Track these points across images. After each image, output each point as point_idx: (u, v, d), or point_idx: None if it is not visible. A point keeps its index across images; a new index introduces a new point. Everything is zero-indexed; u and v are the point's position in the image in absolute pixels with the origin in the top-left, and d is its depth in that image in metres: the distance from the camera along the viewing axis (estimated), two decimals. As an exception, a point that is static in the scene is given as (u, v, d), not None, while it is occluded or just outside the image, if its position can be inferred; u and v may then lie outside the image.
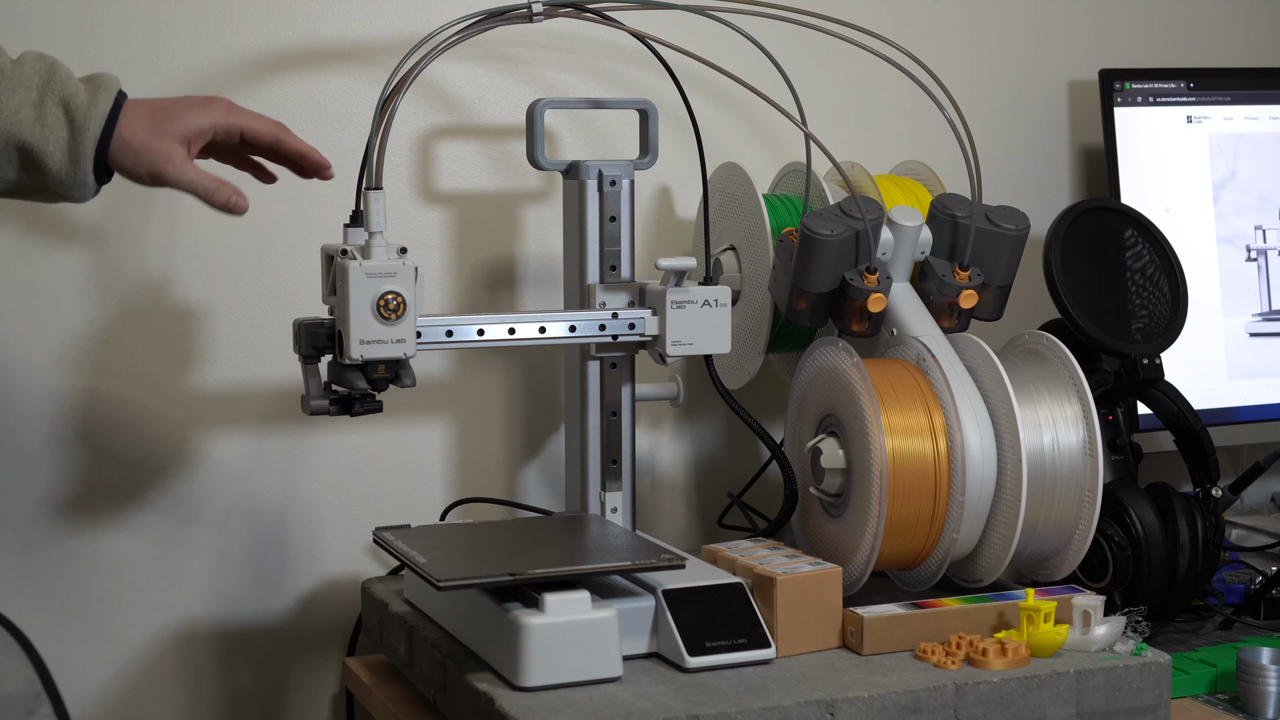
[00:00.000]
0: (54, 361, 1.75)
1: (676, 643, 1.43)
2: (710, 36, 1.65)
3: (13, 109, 1.34)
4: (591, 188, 1.67)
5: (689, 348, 1.63)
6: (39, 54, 1.38)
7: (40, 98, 1.36)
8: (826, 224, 1.62)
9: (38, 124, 1.35)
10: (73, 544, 1.76)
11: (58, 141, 1.36)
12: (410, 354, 1.51)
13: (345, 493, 1.85)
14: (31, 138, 1.35)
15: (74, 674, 1.76)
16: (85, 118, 1.37)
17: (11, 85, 1.35)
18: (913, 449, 1.55)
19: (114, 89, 1.39)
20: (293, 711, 1.86)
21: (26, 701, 1.22)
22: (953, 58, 2.01)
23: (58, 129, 1.36)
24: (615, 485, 1.69)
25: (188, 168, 1.41)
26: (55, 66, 1.38)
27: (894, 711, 1.39)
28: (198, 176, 1.42)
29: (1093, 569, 1.68)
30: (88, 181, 1.39)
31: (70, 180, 1.38)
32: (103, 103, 1.38)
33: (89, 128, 1.37)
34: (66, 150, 1.36)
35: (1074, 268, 1.76)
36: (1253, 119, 2.07)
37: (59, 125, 1.36)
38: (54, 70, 1.37)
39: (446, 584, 1.40)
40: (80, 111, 1.37)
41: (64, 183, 1.38)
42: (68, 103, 1.36)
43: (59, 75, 1.37)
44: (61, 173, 1.37)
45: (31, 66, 1.37)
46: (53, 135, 1.36)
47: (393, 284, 1.49)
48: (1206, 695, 1.60)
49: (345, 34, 1.82)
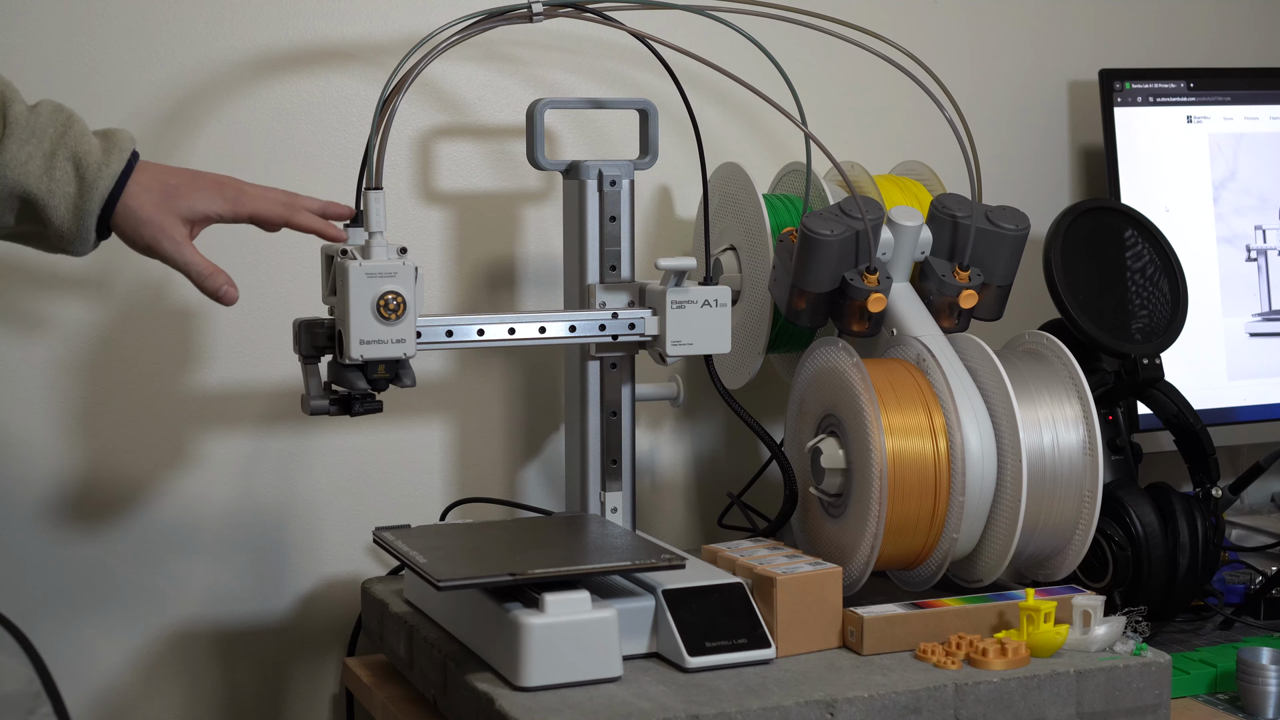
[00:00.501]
0: (54, 361, 1.75)
1: (676, 643, 1.43)
2: (710, 36, 1.65)
3: (22, 159, 1.34)
4: (591, 188, 1.67)
5: (689, 348, 1.63)
6: (56, 105, 1.38)
7: (52, 150, 1.35)
8: (826, 224, 1.62)
9: (45, 176, 1.35)
10: (73, 544, 1.76)
11: (64, 197, 1.36)
12: (410, 354, 1.51)
13: (345, 493, 1.85)
14: (38, 190, 1.35)
15: (74, 674, 1.76)
16: (95, 177, 1.37)
17: (24, 135, 1.35)
18: (913, 449, 1.55)
19: (127, 150, 1.39)
20: (293, 711, 1.86)
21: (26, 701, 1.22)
22: (953, 58, 2.01)
23: (65, 184, 1.36)
24: (615, 485, 1.70)
25: (184, 248, 1.42)
26: (71, 120, 1.37)
27: (894, 711, 1.39)
28: (193, 259, 1.42)
29: (1093, 569, 1.68)
30: (89, 239, 1.39)
31: (71, 235, 1.38)
32: (114, 164, 1.38)
33: (97, 188, 1.37)
34: (72, 206, 1.36)
35: (1074, 268, 1.76)
36: (1253, 119, 2.07)
37: (67, 181, 1.36)
38: (70, 124, 1.37)
39: (446, 584, 1.40)
40: (91, 171, 1.36)
41: (65, 237, 1.38)
42: (79, 160, 1.36)
43: (74, 130, 1.37)
44: (64, 227, 1.37)
45: (47, 117, 1.36)
46: (59, 190, 1.36)
47: (393, 284, 1.49)
48: (1206, 695, 1.60)
49: (345, 34, 1.82)
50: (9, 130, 1.34)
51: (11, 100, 1.36)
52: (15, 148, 1.34)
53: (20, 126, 1.35)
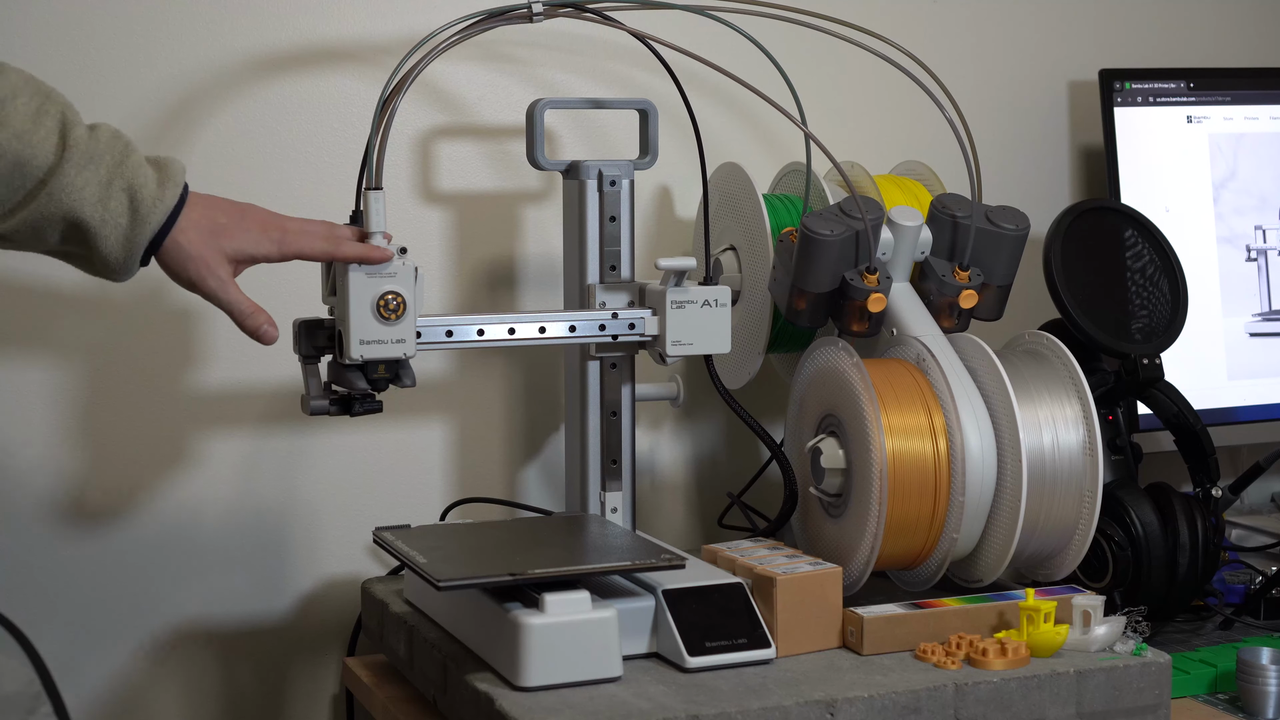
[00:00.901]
0: (55, 361, 1.75)
1: (676, 643, 1.43)
2: (710, 36, 1.65)
3: (79, 185, 1.33)
4: (591, 188, 1.67)
5: (689, 348, 1.63)
6: (115, 131, 1.37)
7: (109, 179, 1.35)
8: (826, 224, 1.62)
9: (100, 206, 1.34)
10: (73, 544, 1.76)
11: (116, 227, 1.35)
12: (410, 354, 1.51)
13: (345, 493, 1.85)
14: (92, 218, 1.34)
15: (74, 674, 1.76)
16: (149, 211, 1.36)
17: (82, 160, 1.33)
18: (913, 449, 1.55)
19: (180, 183, 1.39)
20: (293, 711, 1.86)
21: (26, 701, 1.22)
22: (953, 58, 2.01)
23: (119, 215, 1.35)
24: (615, 485, 1.70)
25: (229, 287, 1.42)
26: (129, 150, 1.37)
27: (894, 711, 1.39)
28: (237, 299, 1.43)
29: (1093, 569, 1.68)
30: (134, 269, 1.39)
31: (118, 265, 1.38)
32: (168, 198, 1.37)
33: (150, 221, 1.36)
34: (123, 238, 1.36)
35: (1074, 268, 1.76)
36: (1253, 119, 2.07)
37: (121, 212, 1.35)
38: (127, 153, 1.36)
39: (446, 584, 1.40)
40: (145, 204, 1.36)
41: (110, 265, 1.38)
42: (135, 191, 1.36)
43: (131, 160, 1.36)
44: (111, 256, 1.37)
45: (106, 144, 1.35)
46: (112, 220, 1.35)
47: (392, 284, 1.50)
48: (1206, 695, 1.60)
49: (345, 34, 1.82)
50: (68, 154, 1.33)
51: (73, 123, 1.34)
52: (73, 173, 1.33)
53: (79, 151, 1.33)
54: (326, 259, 1.48)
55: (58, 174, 1.32)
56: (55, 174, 1.32)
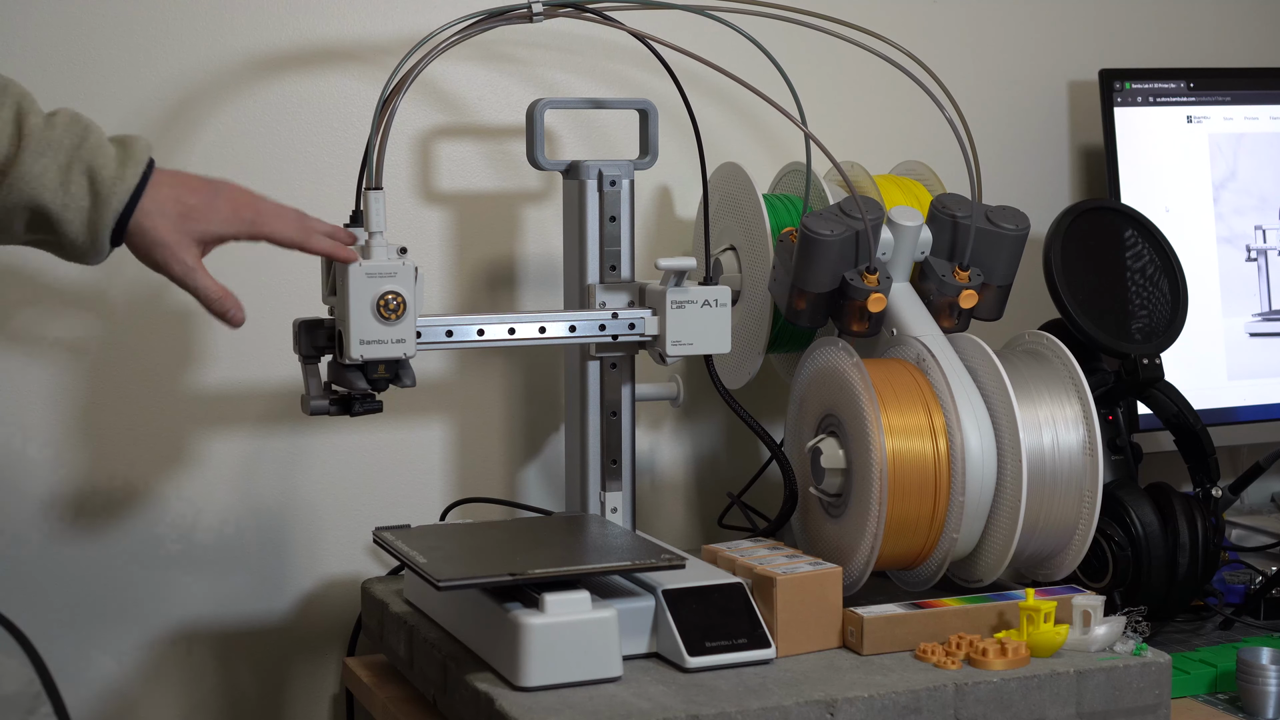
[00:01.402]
0: (55, 362, 1.75)
1: (676, 643, 1.43)
2: (710, 36, 1.65)
3: (37, 172, 1.33)
4: (591, 188, 1.67)
5: (689, 348, 1.63)
6: (74, 115, 1.36)
7: (68, 163, 1.34)
8: (826, 224, 1.62)
9: (60, 190, 1.34)
10: (73, 544, 1.76)
11: (78, 210, 1.35)
12: (410, 354, 1.51)
13: (345, 493, 1.85)
14: (53, 204, 1.34)
15: (74, 674, 1.76)
16: (109, 192, 1.35)
17: (39, 148, 1.33)
18: (913, 449, 1.55)
19: (143, 161, 1.37)
20: (293, 711, 1.86)
21: (26, 701, 1.22)
22: (953, 58, 2.01)
23: (80, 198, 1.34)
24: (615, 485, 1.70)
25: (196, 273, 1.41)
26: (88, 131, 1.36)
27: (894, 711, 1.39)
28: (203, 282, 1.41)
29: (1093, 569, 1.68)
30: (103, 250, 1.38)
31: (86, 248, 1.37)
32: (129, 178, 1.36)
33: (111, 202, 1.35)
34: (86, 220, 1.35)
35: (1074, 268, 1.76)
36: (1253, 119, 2.07)
37: (82, 195, 1.34)
38: (86, 134, 1.35)
39: (446, 584, 1.40)
40: (105, 185, 1.35)
41: (79, 248, 1.37)
42: (94, 173, 1.35)
43: (89, 141, 1.35)
44: (78, 240, 1.36)
45: (63, 129, 1.35)
46: (74, 204, 1.34)
47: (393, 284, 1.50)
48: (1206, 695, 1.60)
49: (345, 34, 1.82)
50: (24, 143, 1.33)
51: (27, 111, 1.34)
52: (30, 160, 1.33)
53: (35, 139, 1.33)
54: (296, 247, 1.47)
55: (16, 164, 1.32)
56: (14, 164, 1.32)
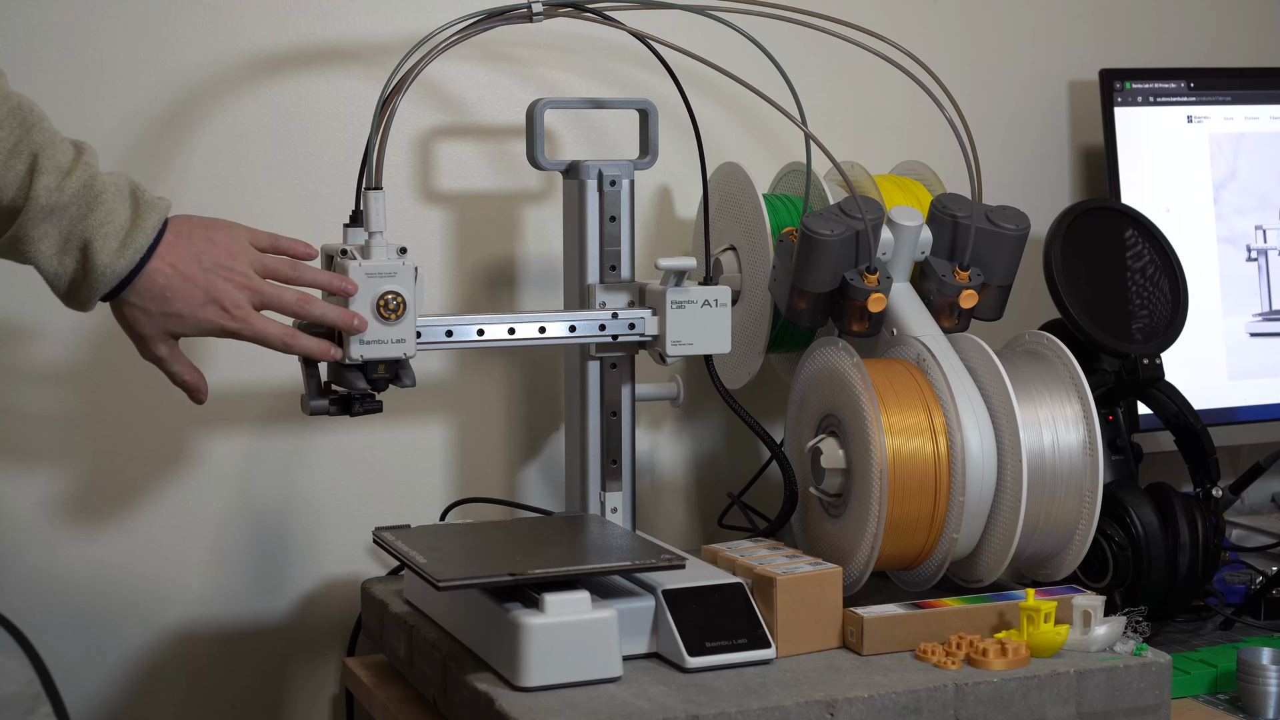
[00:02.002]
0: (54, 361, 1.75)
1: (676, 643, 1.43)
2: (710, 36, 1.65)
3: (36, 239, 1.36)
4: (591, 188, 1.67)
5: (689, 348, 1.63)
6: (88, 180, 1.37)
7: (68, 234, 1.37)
8: (826, 224, 1.62)
9: (55, 259, 1.38)
10: (73, 544, 1.76)
11: (68, 281, 1.39)
12: (410, 354, 1.51)
13: (345, 493, 1.85)
14: (46, 269, 1.38)
15: (74, 674, 1.76)
16: (101, 274, 1.38)
17: (41, 214, 1.35)
18: (913, 449, 1.55)
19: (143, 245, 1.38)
20: (293, 711, 1.86)
21: (26, 701, 1.22)
22: (953, 58, 2.01)
23: (72, 270, 1.38)
24: (615, 485, 1.69)
25: (166, 362, 1.45)
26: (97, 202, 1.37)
27: (894, 711, 1.39)
28: (176, 370, 1.46)
29: (1093, 569, 1.68)
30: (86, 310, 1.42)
31: (73, 306, 1.41)
32: (125, 261, 1.38)
33: (98, 288, 1.38)
34: (75, 291, 1.39)
35: (1074, 268, 1.76)
36: (1253, 119, 2.07)
37: (74, 266, 1.38)
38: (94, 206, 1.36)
39: (446, 584, 1.40)
40: (99, 267, 1.37)
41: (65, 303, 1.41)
42: (91, 253, 1.37)
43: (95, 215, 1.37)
44: (64, 300, 1.41)
45: (71, 196, 1.36)
46: (65, 274, 1.38)
47: (393, 284, 1.50)
48: (1206, 695, 1.60)
49: (345, 34, 1.82)
50: (30, 204, 1.35)
51: (41, 171, 1.35)
52: (30, 225, 1.35)
53: (41, 202, 1.35)
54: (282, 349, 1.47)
55: (20, 222, 1.35)
56: (19, 221, 1.35)
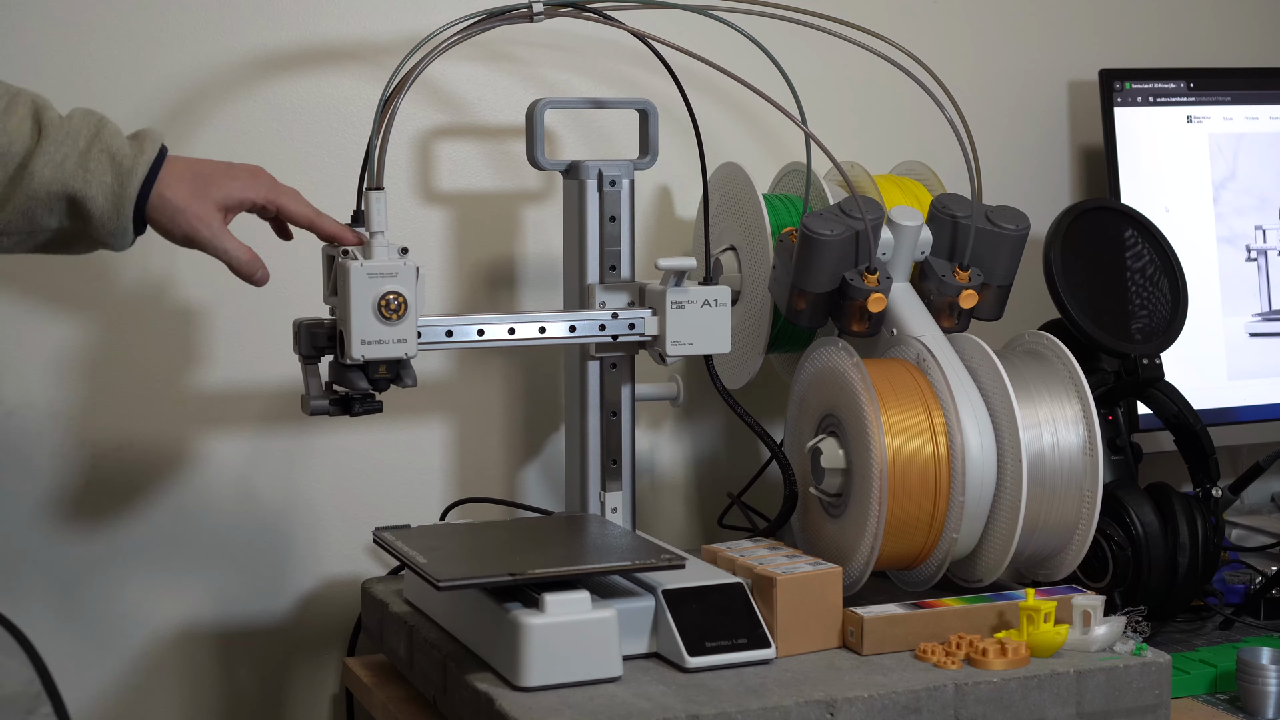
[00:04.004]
0: (55, 361, 1.75)
1: (676, 643, 1.43)
2: (711, 36, 1.65)
3: (59, 159, 1.38)
4: (591, 188, 1.67)
5: (689, 348, 1.63)
6: (87, 110, 1.42)
7: (87, 148, 1.39)
8: (826, 224, 1.62)
9: (82, 169, 1.39)
10: (73, 544, 1.76)
11: (101, 187, 1.39)
12: (411, 354, 1.51)
13: (345, 493, 1.85)
14: (76, 184, 1.38)
15: (74, 674, 1.76)
16: (131, 167, 1.40)
17: (59, 137, 1.39)
18: (913, 449, 1.55)
19: (158, 142, 1.43)
20: (293, 711, 1.86)
21: (26, 701, 1.22)
22: (953, 58, 2.01)
23: (102, 175, 1.39)
24: (615, 485, 1.69)
25: (223, 235, 1.45)
26: (103, 122, 1.41)
27: (894, 711, 1.39)
28: (232, 246, 1.46)
29: (1093, 569, 1.68)
30: (128, 228, 1.42)
31: (113, 225, 1.41)
32: (148, 152, 1.41)
33: (134, 176, 1.40)
34: (111, 196, 1.40)
35: (1074, 268, 1.76)
36: (1253, 119, 2.07)
37: (103, 172, 1.39)
38: (102, 125, 1.41)
39: (446, 584, 1.40)
40: (126, 163, 1.40)
41: (106, 227, 1.41)
42: (113, 153, 1.40)
43: (106, 129, 1.41)
44: (104, 217, 1.40)
45: (79, 121, 1.40)
46: (96, 181, 1.39)
47: (394, 284, 1.49)
48: (1206, 695, 1.60)
49: (345, 34, 1.82)
50: (45, 133, 1.38)
51: (45, 108, 1.40)
52: (52, 149, 1.38)
53: (55, 129, 1.39)
54: (307, 223, 1.50)
55: (37, 154, 1.37)
56: (34, 155, 1.37)
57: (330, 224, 1.51)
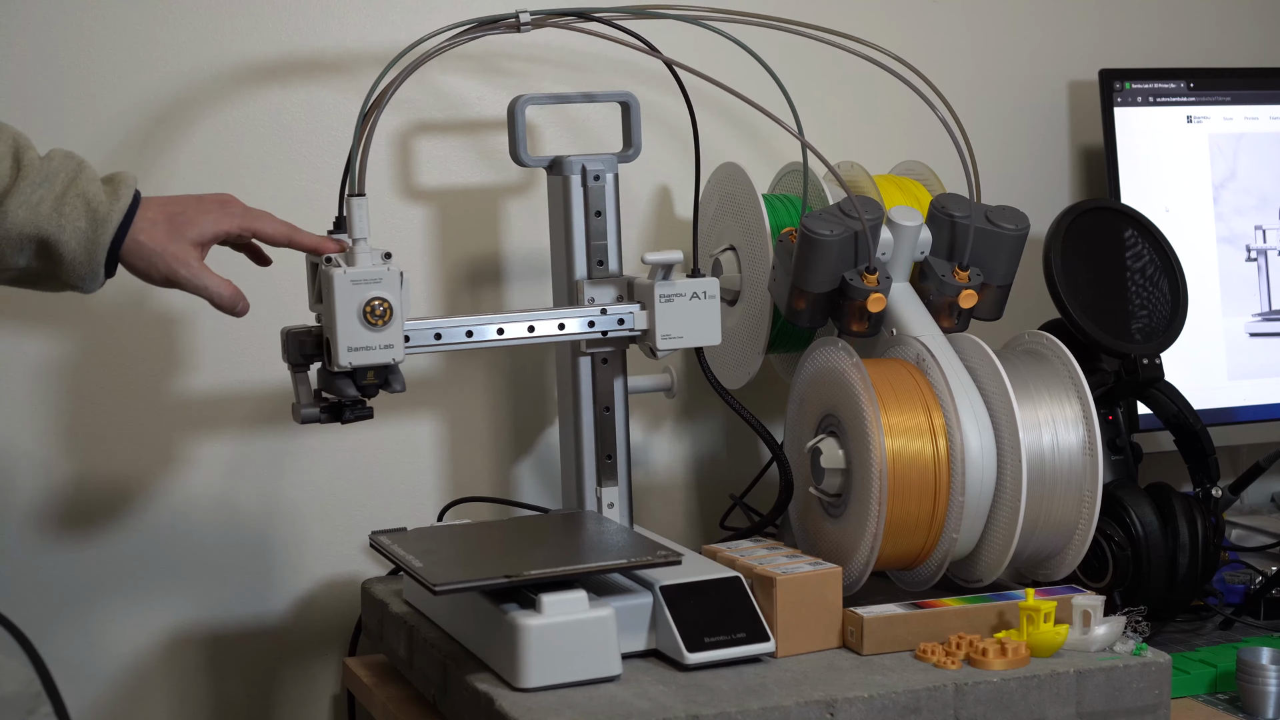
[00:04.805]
0: (41, 367, 1.74)
1: (675, 639, 1.43)
2: (706, 42, 1.65)
3: (34, 201, 1.39)
4: (575, 183, 1.67)
5: (679, 341, 1.62)
6: (67, 153, 1.43)
7: (63, 192, 1.40)
8: (826, 224, 1.62)
9: (56, 214, 1.39)
10: (73, 546, 1.76)
11: (74, 232, 1.40)
12: (399, 359, 1.50)
13: (341, 494, 1.85)
14: (50, 229, 1.39)
15: (74, 675, 1.76)
16: (106, 214, 1.41)
17: (36, 179, 1.40)
18: (913, 449, 1.55)
19: (132, 187, 1.44)
20: (293, 712, 1.86)
21: (26, 701, 1.22)
22: (952, 57, 2.01)
23: (76, 220, 1.40)
24: (611, 481, 1.69)
25: (203, 273, 1.46)
26: (82, 166, 1.43)
27: (894, 711, 1.38)
28: (212, 283, 1.47)
29: (1093, 569, 1.68)
30: (99, 273, 1.43)
31: (84, 270, 1.42)
32: (124, 198, 1.42)
33: (109, 223, 1.41)
34: (84, 241, 1.41)
35: (1074, 268, 1.75)
36: (1253, 119, 2.07)
37: (78, 217, 1.40)
38: (80, 169, 1.42)
39: (443, 588, 1.39)
40: (101, 210, 1.41)
41: (77, 271, 1.42)
42: (89, 199, 1.41)
43: (84, 174, 1.42)
44: (76, 262, 1.41)
45: (59, 164, 1.41)
46: (70, 225, 1.40)
47: (378, 290, 1.49)
48: (1206, 695, 1.60)
49: (337, 42, 1.82)
50: (23, 174, 1.39)
51: (25, 147, 1.41)
52: (28, 190, 1.39)
53: (34, 170, 1.40)
54: (284, 241, 1.50)
55: (13, 194, 1.38)
56: (10, 195, 1.38)
57: (307, 238, 1.51)
